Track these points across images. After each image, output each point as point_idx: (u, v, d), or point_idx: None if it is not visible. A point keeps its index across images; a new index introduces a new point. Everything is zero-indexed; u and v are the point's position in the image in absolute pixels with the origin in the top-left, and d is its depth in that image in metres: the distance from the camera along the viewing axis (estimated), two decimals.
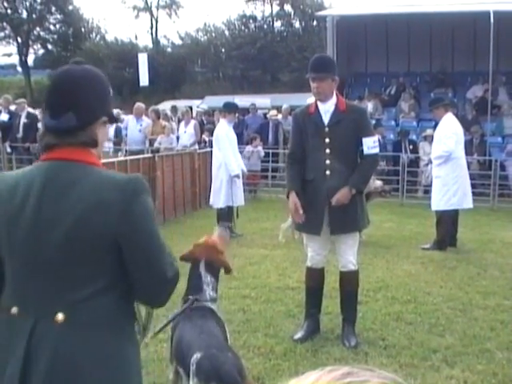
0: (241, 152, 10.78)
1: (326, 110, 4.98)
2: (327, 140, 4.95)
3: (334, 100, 4.98)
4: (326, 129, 4.95)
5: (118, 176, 2.02)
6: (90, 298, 1.92)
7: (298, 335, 5.14)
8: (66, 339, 1.90)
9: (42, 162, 2.03)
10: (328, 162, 4.94)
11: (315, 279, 5.26)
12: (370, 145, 4.97)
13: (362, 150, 4.98)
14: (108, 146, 14.88)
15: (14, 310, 1.95)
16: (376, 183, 9.36)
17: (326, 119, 4.97)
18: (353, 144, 4.99)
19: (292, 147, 5.22)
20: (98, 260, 1.94)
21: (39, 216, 1.93)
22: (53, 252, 1.92)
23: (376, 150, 5.05)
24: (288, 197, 5.07)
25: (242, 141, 13.84)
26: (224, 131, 9.17)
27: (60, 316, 1.90)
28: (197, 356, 3.02)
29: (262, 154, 14.12)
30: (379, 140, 6.52)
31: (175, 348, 3.36)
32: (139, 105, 14.17)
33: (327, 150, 4.95)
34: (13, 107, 15.02)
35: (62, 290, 1.92)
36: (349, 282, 5.17)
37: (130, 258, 1.95)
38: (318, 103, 5.00)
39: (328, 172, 4.94)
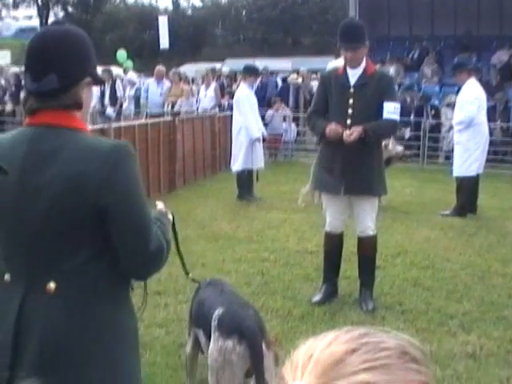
0: (262, 116, 10.72)
1: (355, 72, 4.99)
2: (351, 101, 4.96)
3: (363, 64, 5.01)
4: (351, 89, 4.96)
5: (101, 144, 1.93)
6: (79, 267, 1.89)
7: (316, 298, 5.19)
8: (58, 308, 1.88)
9: (25, 128, 1.98)
10: (349, 121, 4.92)
11: (333, 244, 5.29)
12: (391, 110, 4.94)
13: (382, 114, 4.94)
14: (129, 108, 14.91)
15: (7, 276, 1.93)
16: (397, 148, 9.31)
17: (352, 80, 4.99)
18: (375, 108, 4.96)
19: (315, 105, 5.21)
20: (84, 230, 1.89)
21: (22, 187, 1.88)
22: (36, 223, 1.89)
23: (396, 117, 5.00)
24: (323, 137, 5.03)
25: (262, 104, 13.79)
26: (244, 94, 9.13)
27: (51, 285, 1.88)
28: (218, 312, 3.07)
29: (288, 113, 14.16)
30: (406, 105, 6.43)
31: (196, 310, 3.40)
32: (160, 68, 14.06)
33: (350, 110, 4.95)
34: None
35: (52, 260, 1.90)
36: (367, 247, 5.19)
37: (112, 228, 1.90)
38: (347, 66, 5.02)
39: (348, 132, 4.92)
